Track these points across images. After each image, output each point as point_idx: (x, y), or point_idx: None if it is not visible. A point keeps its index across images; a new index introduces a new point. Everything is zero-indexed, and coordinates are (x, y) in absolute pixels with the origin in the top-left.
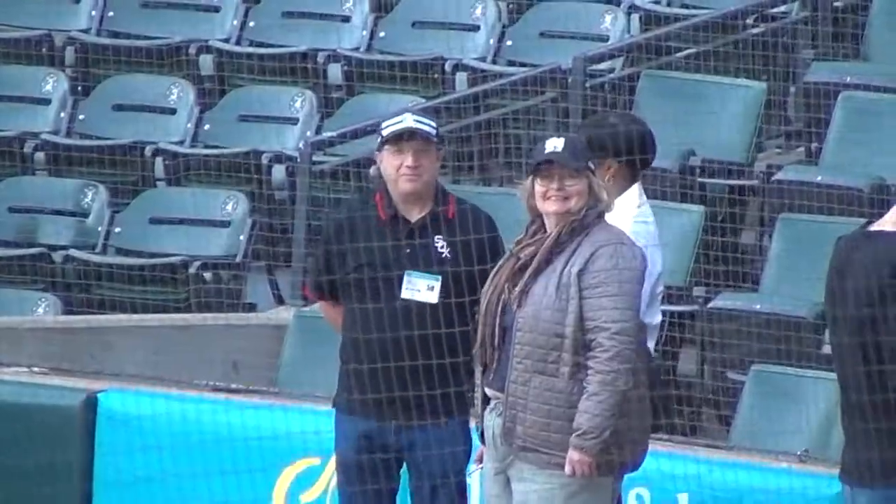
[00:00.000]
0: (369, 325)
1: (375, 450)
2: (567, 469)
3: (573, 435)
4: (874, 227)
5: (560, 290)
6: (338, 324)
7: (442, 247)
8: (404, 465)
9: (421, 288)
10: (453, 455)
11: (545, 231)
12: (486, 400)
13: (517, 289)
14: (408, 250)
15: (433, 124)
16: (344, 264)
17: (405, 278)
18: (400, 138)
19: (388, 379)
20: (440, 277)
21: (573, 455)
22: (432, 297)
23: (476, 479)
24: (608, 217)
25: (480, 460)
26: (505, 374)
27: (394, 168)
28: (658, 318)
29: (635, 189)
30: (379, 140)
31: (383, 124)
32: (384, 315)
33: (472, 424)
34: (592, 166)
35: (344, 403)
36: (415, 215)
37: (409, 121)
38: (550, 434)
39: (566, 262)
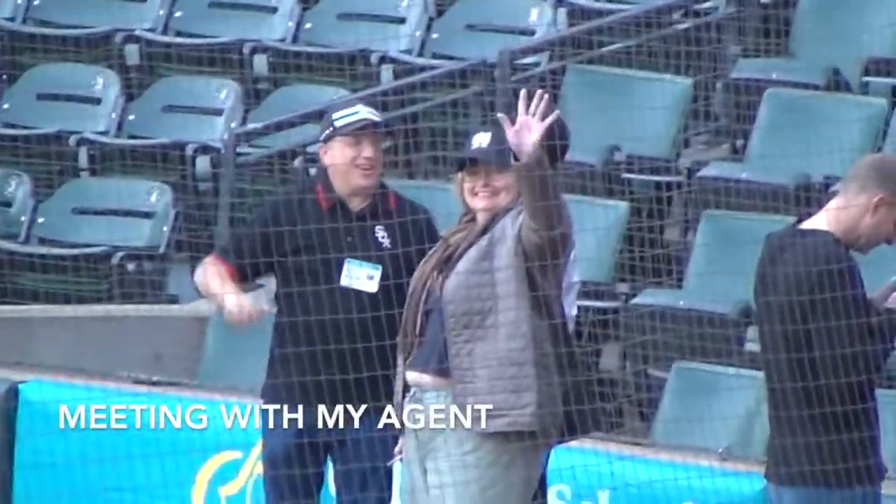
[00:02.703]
0: (307, 310)
1: (306, 437)
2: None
3: None
4: (805, 226)
5: (484, 253)
6: (214, 273)
7: (382, 237)
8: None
9: (360, 276)
10: (384, 443)
11: (475, 221)
12: (405, 389)
13: (443, 275)
14: (349, 238)
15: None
16: (281, 247)
17: (345, 266)
18: (357, 130)
19: (323, 365)
20: (380, 267)
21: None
22: (371, 286)
23: (397, 469)
24: None
25: (401, 451)
26: (428, 358)
27: (348, 160)
28: (574, 311)
29: None
30: (328, 130)
31: (335, 114)
32: (322, 301)
33: (390, 415)
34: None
35: (274, 390)
36: (356, 205)
37: (365, 112)
38: (495, 396)
39: (489, 236)
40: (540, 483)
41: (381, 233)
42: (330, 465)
